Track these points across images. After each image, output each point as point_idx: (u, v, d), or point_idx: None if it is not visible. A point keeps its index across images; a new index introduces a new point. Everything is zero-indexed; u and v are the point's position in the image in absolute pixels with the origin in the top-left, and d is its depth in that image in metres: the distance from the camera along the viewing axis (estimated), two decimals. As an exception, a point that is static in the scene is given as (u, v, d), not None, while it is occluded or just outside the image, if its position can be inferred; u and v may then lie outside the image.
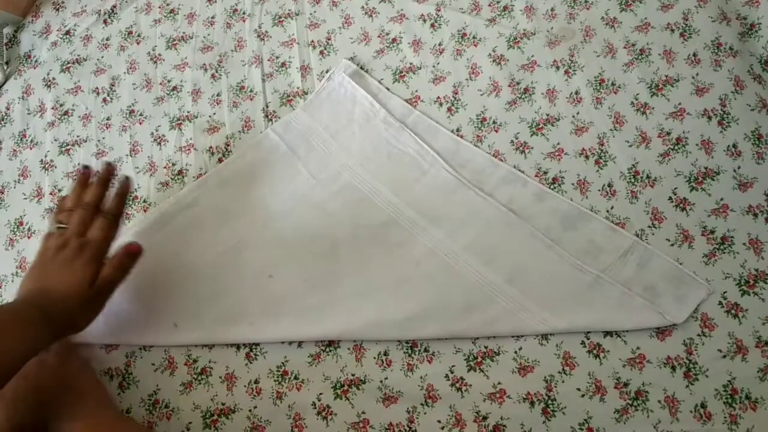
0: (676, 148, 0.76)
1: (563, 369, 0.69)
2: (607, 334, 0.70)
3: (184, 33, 1.01)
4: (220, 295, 0.80)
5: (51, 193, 0.93)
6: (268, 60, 0.95)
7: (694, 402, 0.66)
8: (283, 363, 0.76)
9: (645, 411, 0.66)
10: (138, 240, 0.83)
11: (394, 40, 0.91)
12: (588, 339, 0.70)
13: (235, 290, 0.79)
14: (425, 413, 0.70)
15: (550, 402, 0.68)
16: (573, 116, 0.80)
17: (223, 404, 0.75)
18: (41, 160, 0.96)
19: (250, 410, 0.74)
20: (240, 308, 0.78)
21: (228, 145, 0.90)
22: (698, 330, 0.68)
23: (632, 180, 0.76)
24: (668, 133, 0.77)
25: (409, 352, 0.73)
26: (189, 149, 0.91)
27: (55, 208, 0.79)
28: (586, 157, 0.78)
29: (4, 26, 1.08)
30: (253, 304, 0.78)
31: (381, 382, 0.72)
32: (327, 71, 0.91)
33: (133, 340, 0.80)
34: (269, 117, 0.90)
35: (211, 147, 0.91)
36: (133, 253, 0.75)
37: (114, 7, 1.06)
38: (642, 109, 0.78)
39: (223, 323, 0.78)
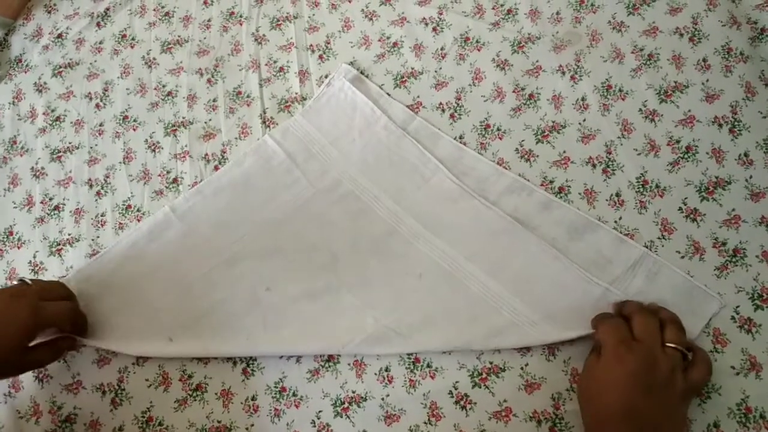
0: (685, 156, 0.74)
1: (571, 386, 0.67)
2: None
3: (179, 36, 0.99)
4: (216, 308, 0.78)
5: (42, 202, 0.91)
6: (266, 64, 0.93)
7: (707, 421, 0.64)
8: (281, 379, 0.74)
9: (656, 430, 0.64)
10: (131, 250, 0.82)
11: (395, 44, 0.89)
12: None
13: (231, 303, 0.78)
14: (428, 432, 0.68)
15: (557, 421, 0.66)
16: (579, 123, 0.78)
17: (218, 422, 0.73)
18: (32, 168, 0.94)
19: (246, 428, 0.72)
20: (236, 321, 0.76)
21: (224, 153, 0.88)
22: (710, 346, 0.66)
23: (641, 189, 0.74)
24: (678, 141, 0.75)
25: (411, 367, 0.71)
26: (184, 156, 0.89)
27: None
28: (593, 165, 0.76)
29: (-6, 29, 1.06)
30: (249, 317, 0.76)
31: (382, 399, 0.70)
32: (326, 76, 0.89)
33: (126, 351, 0.78)
34: (267, 123, 0.88)
35: (206, 154, 0.89)
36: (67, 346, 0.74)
37: (107, 9, 1.03)
38: (650, 116, 0.77)
39: (218, 336, 0.76)
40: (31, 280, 0.73)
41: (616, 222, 0.73)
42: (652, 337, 0.59)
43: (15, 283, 0.72)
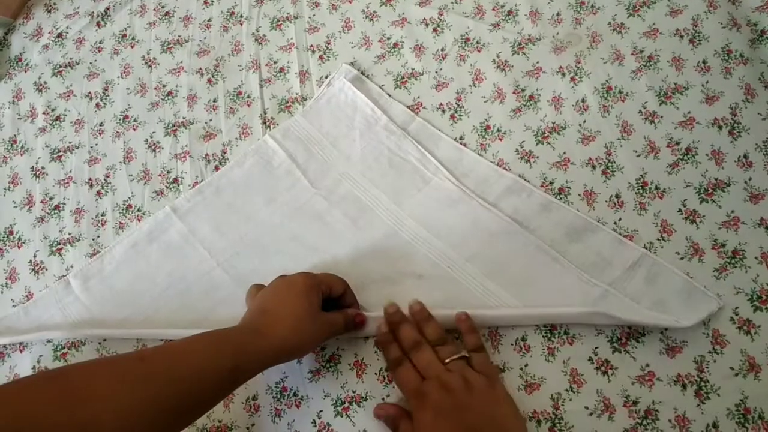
0: (685, 158, 0.74)
1: (570, 387, 0.67)
2: (615, 350, 0.68)
3: (179, 36, 0.99)
4: (216, 309, 0.78)
5: (42, 201, 0.91)
6: (266, 65, 0.93)
7: (706, 421, 0.64)
8: (281, 379, 0.74)
9: (655, 430, 0.64)
10: (132, 250, 0.82)
11: (395, 44, 0.89)
12: (596, 355, 0.68)
13: (231, 303, 0.77)
14: None
15: (557, 421, 0.66)
16: (579, 125, 0.79)
17: (219, 422, 0.73)
18: (32, 167, 0.94)
19: (247, 428, 0.72)
20: (237, 322, 0.76)
21: (225, 153, 0.88)
22: (709, 347, 0.66)
23: (640, 191, 0.74)
24: (677, 143, 0.75)
25: (412, 368, 0.71)
26: (184, 156, 0.89)
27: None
28: (593, 166, 0.76)
29: (-6, 28, 1.06)
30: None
31: (383, 399, 0.70)
32: (327, 76, 0.90)
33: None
34: (267, 123, 0.88)
35: (207, 154, 0.89)
36: (359, 323, 0.72)
37: (107, 9, 1.04)
38: (650, 118, 0.77)
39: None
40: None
41: (615, 223, 0.73)
42: (431, 366, 0.64)
43: None
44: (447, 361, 0.64)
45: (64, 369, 0.53)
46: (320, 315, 0.66)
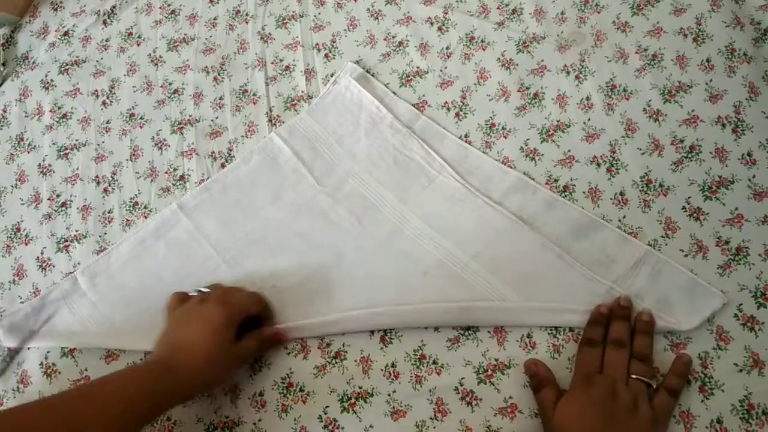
0: (689, 156, 0.74)
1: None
2: (620, 346, 0.68)
3: (185, 34, 0.99)
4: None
5: (49, 199, 0.91)
6: (272, 63, 0.93)
7: (710, 417, 0.64)
8: (287, 375, 0.74)
9: (660, 426, 0.64)
10: (138, 247, 0.82)
11: (400, 43, 0.90)
12: (600, 352, 0.68)
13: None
14: (434, 427, 0.68)
15: (563, 417, 0.67)
16: (584, 123, 0.79)
17: (226, 417, 0.73)
18: (39, 165, 0.95)
19: (254, 423, 0.73)
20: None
21: (231, 150, 0.89)
22: (713, 343, 0.66)
23: (645, 188, 0.74)
24: (681, 141, 0.75)
25: (418, 364, 0.71)
26: (191, 154, 0.89)
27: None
28: (598, 164, 0.77)
29: (0, 26, 1.06)
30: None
31: (389, 395, 0.71)
32: (332, 75, 0.90)
33: (129, 347, 0.79)
34: (273, 121, 0.89)
35: (213, 152, 0.89)
36: (278, 341, 0.74)
37: (114, 7, 1.04)
38: (654, 116, 0.77)
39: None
40: (208, 287, 0.75)
41: (620, 221, 0.73)
42: (617, 370, 0.64)
43: (193, 294, 0.74)
44: (633, 376, 0.64)
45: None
46: (234, 347, 0.68)
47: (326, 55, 0.92)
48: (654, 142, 0.76)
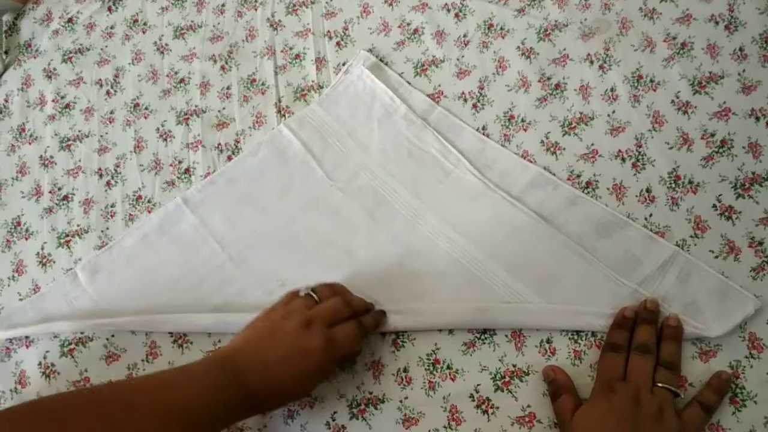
0: (720, 151, 0.71)
1: (598, 391, 0.65)
2: (646, 352, 0.65)
3: (192, 21, 0.97)
4: (228, 303, 0.76)
5: (50, 191, 0.89)
6: (282, 51, 0.91)
7: (742, 430, 0.61)
8: (295, 379, 0.71)
9: (688, 439, 0.61)
10: (142, 242, 0.81)
11: (415, 30, 0.87)
12: (625, 359, 0.65)
13: (243, 297, 0.76)
14: (448, 437, 0.66)
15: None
16: (608, 115, 0.76)
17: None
18: (41, 156, 0.92)
19: (259, 429, 0.70)
20: (249, 316, 0.73)
21: (238, 142, 0.86)
22: (746, 351, 0.63)
23: (673, 185, 0.71)
24: (712, 135, 0.72)
25: (431, 368, 0.69)
26: (196, 146, 0.87)
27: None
28: (623, 159, 0.74)
29: (3, 13, 1.04)
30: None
31: (401, 401, 0.68)
32: (344, 63, 0.87)
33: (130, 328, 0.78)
34: (282, 112, 0.86)
35: (219, 144, 0.87)
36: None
37: (119, -7, 1.02)
38: (683, 108, 0.74)
39: (230, 333, 0.73)
40: (314, 289, 0.67)
41: (646, 219, 0.71)
42: (641, 377, 0.61)
43: (301, 295, 0.66)
44: (659, 384, 0.61)
45: (50, 404, 0.54)
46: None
47: (338, 43, 0.89)
48: (683, 136, 0.73)
